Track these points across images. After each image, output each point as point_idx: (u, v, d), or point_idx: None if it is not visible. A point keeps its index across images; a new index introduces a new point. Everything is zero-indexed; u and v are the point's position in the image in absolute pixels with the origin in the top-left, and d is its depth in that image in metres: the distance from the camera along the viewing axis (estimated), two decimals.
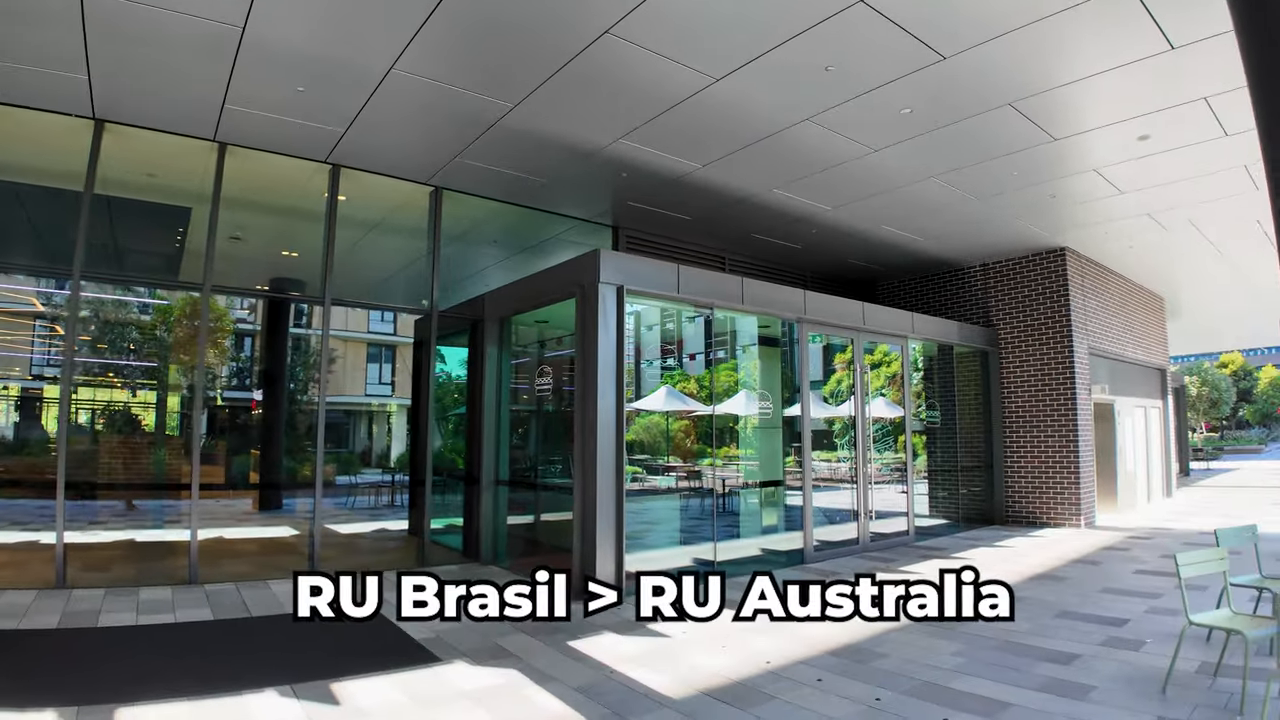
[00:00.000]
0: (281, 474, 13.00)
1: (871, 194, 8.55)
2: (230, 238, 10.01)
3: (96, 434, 14.68)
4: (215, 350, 16.48)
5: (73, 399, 15.10)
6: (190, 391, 15.44)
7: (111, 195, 7.86)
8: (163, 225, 8.71)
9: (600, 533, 6.32)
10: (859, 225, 9.75)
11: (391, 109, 6.38)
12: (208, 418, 19.62)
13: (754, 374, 11.35)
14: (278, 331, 13.14)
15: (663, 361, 46.09)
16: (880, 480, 9.60)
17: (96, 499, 11.17)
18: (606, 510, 6.38)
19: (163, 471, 12.22)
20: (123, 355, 15.09)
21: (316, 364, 23.18)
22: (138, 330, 15.03)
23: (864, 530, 8.90)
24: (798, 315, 8.35)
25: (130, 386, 15.63)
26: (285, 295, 9.94)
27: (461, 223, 9.28)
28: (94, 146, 6.49)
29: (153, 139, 6.85)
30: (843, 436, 14.77)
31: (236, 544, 8.87)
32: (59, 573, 6.06)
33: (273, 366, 12.90)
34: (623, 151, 7.27)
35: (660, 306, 16.94)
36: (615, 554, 6.39)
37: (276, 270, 12.09)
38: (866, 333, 9.35)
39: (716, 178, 8.00)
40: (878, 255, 11.34)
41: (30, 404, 16.50)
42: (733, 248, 10.78)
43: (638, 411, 27.42)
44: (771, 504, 9.75)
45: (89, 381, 15.49)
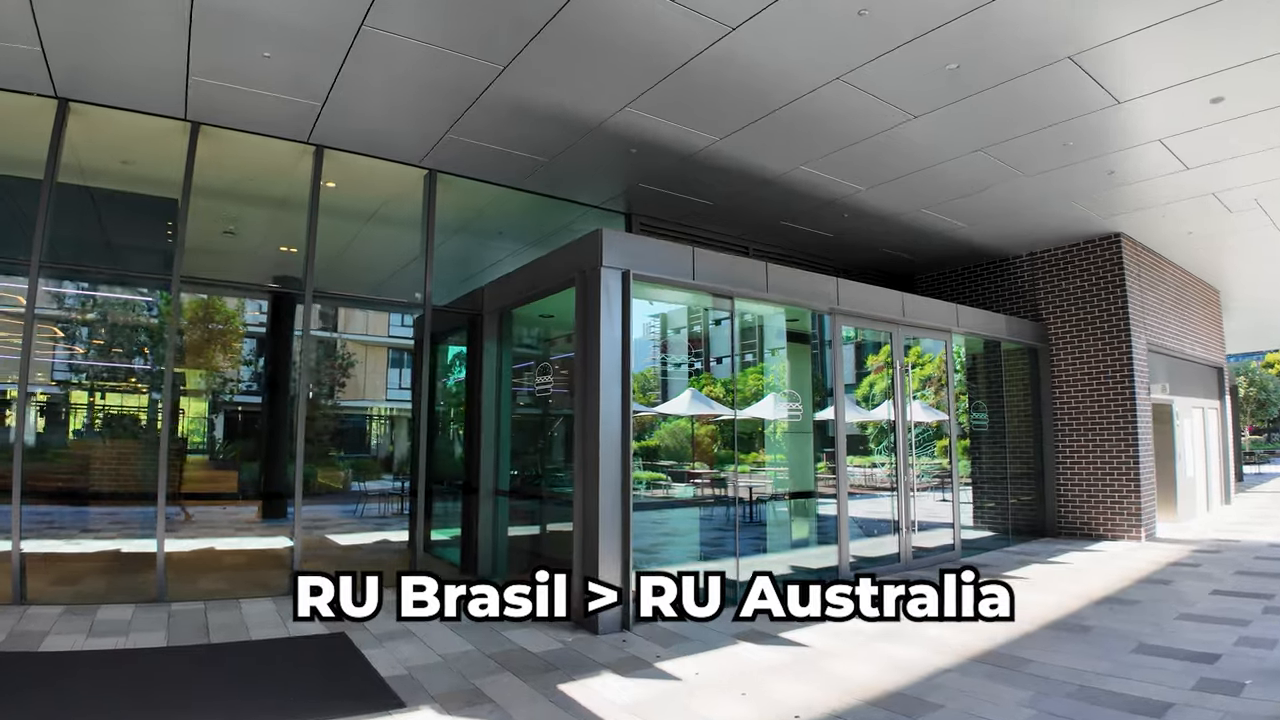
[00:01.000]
0: (286, 481, 12.48)
1: (909, 171, 7.69)
2: (224, 232, 9.58)
3: (71, 438, 14.40)
4: (225, 353, 16.13)
5: (37, 399, 14.81)
6: (177, 394, 15.10)
7: (94, 186, 7.42)
8: (149, 218, 8.20)
9: (604, 550, 5.56)
10: (895, 209, 8.88)
11: (369, 76, 5.74)
12: (214, 423, 19.36)
13: (783, 375, 10.52)
14: (281, 333, 12.67)
15: (690, 365, 45.31)
16: (920, 488, 8.71)
17: (89, 506, 10.76)
18: (610, 524, 5.62)
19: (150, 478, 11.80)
20: (103, 356, 14.76)
21: (328, 366, 22.95)
22: (116, 329, 14.67)
23: (905, 545, 8.01)
24: (830, 306, 7.50)
25: (114, 390, 15.32)
26: (262, 286, 9.37)
27: (462, 212, 8.64)
28: (56, 127, 5.95)
29: (125, 122, 6.31)
30: (879, 441, 13.83)
31: (224, 556, 8.31)
32: (15, 587, 5.51)
33: (276, 369, 12.42)
34: (629, 122, 6.53)
35: (682, 304, 16.10)
36: (620, 573, 5.63)
37: (281, 268, 11.63)
38: (907, 326, 8.45)
39: (737, 153, 7.21)
40: (916, 244, 10.43)
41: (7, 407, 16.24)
42: (758, 237, 9.97)
43: (664, 416, 26.73)
44: (802, 515, 8.93)
45: (70, 384, 15.26)
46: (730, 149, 7.12)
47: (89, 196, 7.11)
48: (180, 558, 7.97)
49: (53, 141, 5.89)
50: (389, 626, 5.46)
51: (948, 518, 8.85)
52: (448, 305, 7.92)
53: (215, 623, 5.46)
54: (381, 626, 5.50)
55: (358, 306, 14.32)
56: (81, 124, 6.16)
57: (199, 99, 6.06)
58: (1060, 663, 4.69)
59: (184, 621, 5.44)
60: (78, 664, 4.45)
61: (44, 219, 5.78)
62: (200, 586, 6.55)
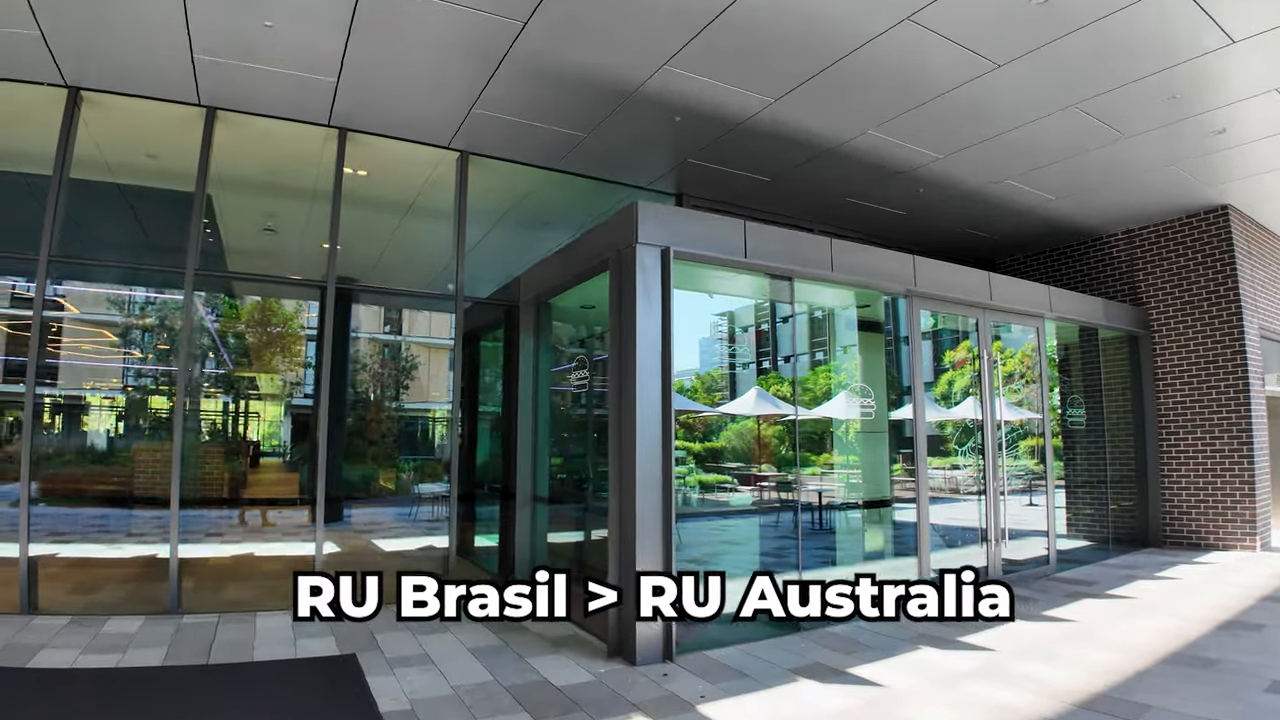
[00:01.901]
0: (341, 484, 12.32)
1: (990, 134, 6.67)
2: (263, 229, 9.40)
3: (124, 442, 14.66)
4: (284, 355, 16.26)
5: (45, 400, 15.17)
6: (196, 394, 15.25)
7: (122, 183, 7.26)
8: (177, 213, 8.02)
9: (642, 565, 4.85)
10: (975, 180, 7.82)
11: (380, 43, 5.23)
12: (274, 426, 19.66)
13: (854, 371, 9.57)
14: (339, 334, 12.51)
15: (757, 363, 43.99)
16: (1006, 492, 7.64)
17: (136, 509, 10.78)
18: (649, 537, 4.90)
19: (213, 480, 11.78)
20: (162, 360, 15.01)
21: (385, 368, 23.07)
22: (172, 333, 14.90)
23: (994, 558, 6.96)
24: (905, 288, 6.56)
25: (147, 391, 15.60)
26: (283, 279, 9.10)
27: (502, 199, 8.12)
28: (67, 117, 5.71)
29: (143, 111, 6.04)
30: (963, 442, 12.64)
31: (260, 563, 8.02)
32: (23, 595, 5.25)
33: (335, 371, 12.27)
34: (670, 84, 5.81)
35: (747, 297, 15.15)
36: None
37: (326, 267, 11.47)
38: (994, 310, 7.38)
39: (794, 117, 6.38)
40: (999, 222, 9.28)
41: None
42: (822, 217, 9.05)
43: (732, 417, 25.78)
44: (876, 522, 7.97)
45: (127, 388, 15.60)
46: (787, 112, 6.29)
47: (111, 191, 6.93)
48: (215, 564, 7.73)
49: (63, 131, 5.63)
50: (403, 649, 4.94)
51: (1037, 525, 7.75)
52: (482, 297, 7.38)
53: (222, 639, 5.05)
54: (396, 648, 4.99)
55: (383, 294, 14.11)
56: (98, 115, 5.92)
57: (209, 80, 5.71)
58: (1184, 709, 3.79)
59: (190, 637, 5.05)
60: (55, 684, 4.08)
61: (53, 213, 5.53)
62: (221, 597, 6.21)
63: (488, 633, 5.38)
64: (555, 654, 4.95)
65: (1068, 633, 5.42)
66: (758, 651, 5.04)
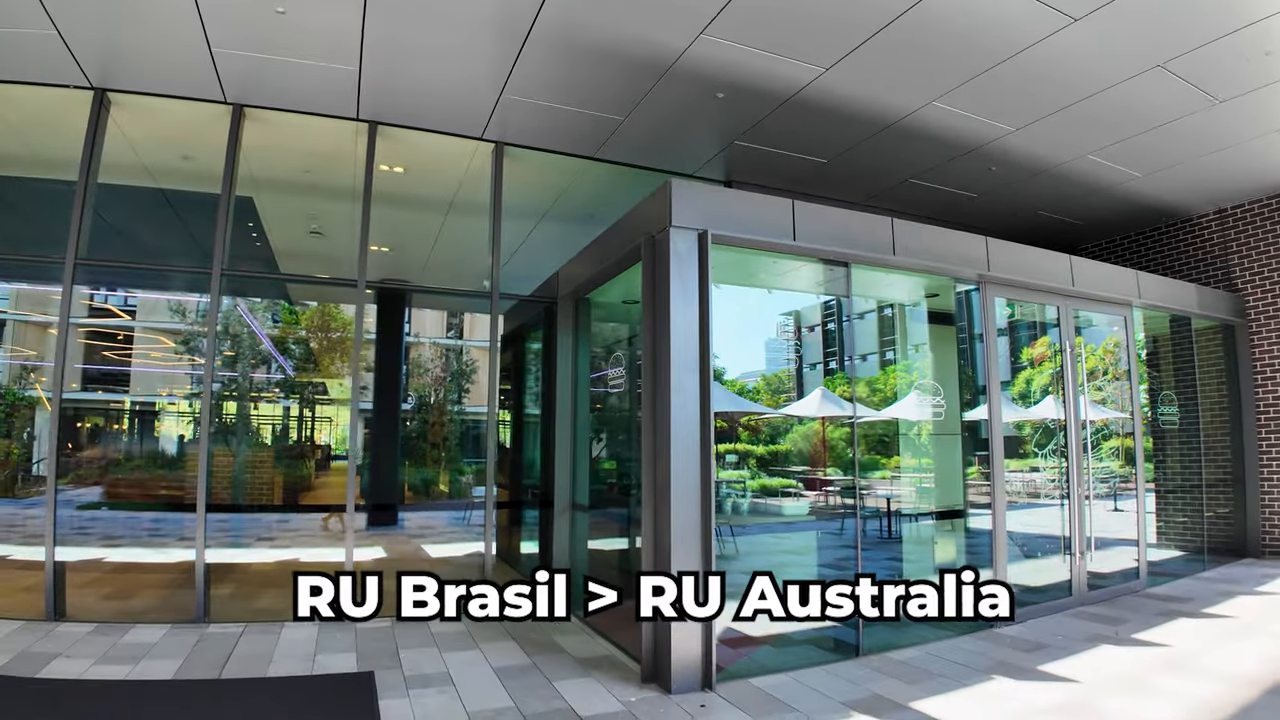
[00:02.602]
0: (395, 489, 12.27)
1: (1067, 101, 5.90)
2: (311, 232, 9.37)
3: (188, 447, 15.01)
4: (341, 359, 16.48)
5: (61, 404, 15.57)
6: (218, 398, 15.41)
7: (168, 188, 7.28)
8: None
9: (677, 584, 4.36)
10: (1053, 155, 7.00)
11: (397, 24, 4.94)
12: (332, 429, 19.97)
13: (926, 369, 8.82)
14: (391, 337, 12.53)
15: (825, 364, 42.57)
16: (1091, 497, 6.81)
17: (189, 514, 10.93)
18: (686, 550, 4.41)
19: (264, 484, 11.89)
20: (229, 367, 15.38)
21: (445, 371, 23.24)
22: (237, 340, 15.22)
23: (1078, 572, 6.14)
24: (978, 273, 5.85)
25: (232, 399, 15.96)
26: (309, 279, 9.00)
27: (543, 192, 7.80)
28: (93, 120, 5.64)
29: (169, 112, 5.97)
30: (1044, 443, 11.62)
31: (300, 569, 7.92)
32: (49, 602, 5.18)
33: (381, 375, 12.29)
34: (709, 54, 5.31)
35: (811, 292, 14.40)
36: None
37: (382, 269, 11.46)
38: (1077, 298, 6.56)
39: (849, 89, 5.78)
40: (1079, 204, 8.36)
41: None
42: (884, 202, 8.34)
43: (799, 419, 24.86)
44: (949, 529, 7.23)
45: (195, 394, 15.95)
46: (841, 83, 5.70)
47: (151, 194, 6.92)
48: (257, 570, 7.67)
49: (89, 134, 5.57)
50: (425, 667, 4.63)
51: (1124, 533, 6.87)
52: (519, 294, 7.06)
53: (241, 651, 4.83)
54: (418, 665, 4.69)
55: (419, 299, 14.04)
56: (128, 117, 5.87)
57: (231, 75, 5.56)
58: None
59: (209, 648, 4.85)
60: (52, 696, 3.91)
61: (79, 217, 5.45)
62: (252, 605, 6.05)
63: (520, 652, 5.01)
64: (585, 677, 4.53)
65: (1161, 660, 4.72)
66: (810, 679, 4.48)
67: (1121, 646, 4.97)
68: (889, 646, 5.07)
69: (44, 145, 6.23)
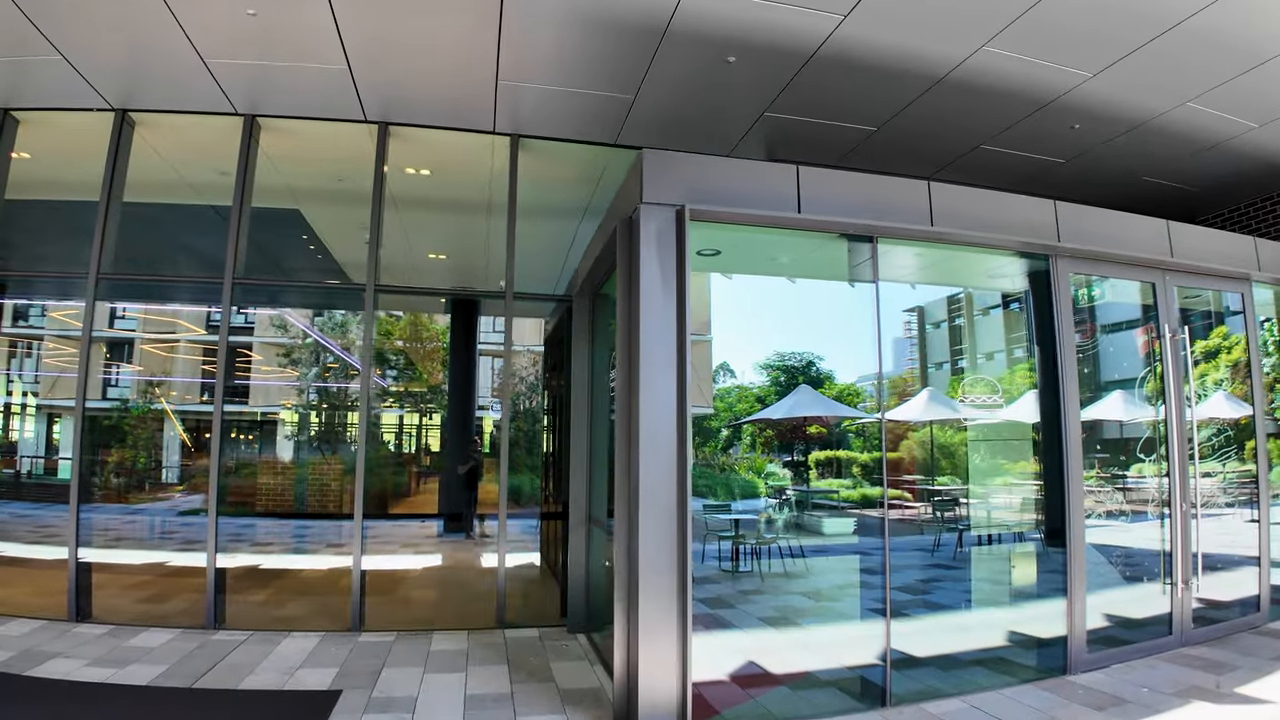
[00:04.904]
0: (468, 495, 12.33)
1: (1153, 32, 4.71)
2: (365, 242, 9.53)
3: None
4: (426, 365, 16.92)
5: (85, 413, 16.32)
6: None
7: (218, 205, 7.58)
8: (273, 232, 8.26)
9: (647, 612, 3.79)
10: (1144, 105, 5.69)
11: (375, 18, 4.73)
12: (425, 436, 20.53)
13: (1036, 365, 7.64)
14: (465, 343, 12.66)
15: (953, 363, 39.24)
16: (1204, 506, 5.43)
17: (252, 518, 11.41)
18: (659, 573, 3.83)
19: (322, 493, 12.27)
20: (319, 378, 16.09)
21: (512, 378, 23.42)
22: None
23: (1182, 605, 4.88)
24: (1047, 244, 4.81)
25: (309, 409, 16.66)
26: (321, 284, 9.02)
27: (582, 185, 7.41)
28: (115, 140, 5.87)
29: (185, 128, 6.16)
30: (1151, 449, 9.88)
31: (341, 578, 8.00)
32: (71, 603, 5.39)
33: (460, 378, 12.43)
34: (707, 9, 4.66)
35: (937, 285, 13.26)
36: (678, 653, 3.80)
37: (456, 278, 11.57)
38: (1177, 271, 5.27)
39: (878, 38, 4.93)
40: (1188, 165, 6.80)
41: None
42: (958, 175, 7.22)
43: (911, 426, 23.00)
44: (1058, 545, 6.09)
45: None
46: (866, 32, 4.86)
47: (183, 211, 7.21)
48: (304, 578, 7.80)
49: (110, 154, 5.80)
50: (396, 689, 4.35)
51: (1241, 549, 5.42)
52: (534, 292, 6.72)
53: (231, 660, 4.77)
54: (391, 687, 4.43)
55: (426, 302, 14.03)
56: (152, 135, 6.09)
57: (232, 86, 5.61)
58: None
59: (200, 656, 4.82)
60: (25, 694, 3.97)
61: (101, 232, 5.69)
62: (267, 613, 6.05)
63: (505, 679, 4.63)
64: (555, 714, 4.04)
65: None
66: None
67: (1221, 704, 3.84)
68: (927, 695, 4.21)
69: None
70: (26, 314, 14.88)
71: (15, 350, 14.88)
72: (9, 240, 6.28)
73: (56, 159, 6.43)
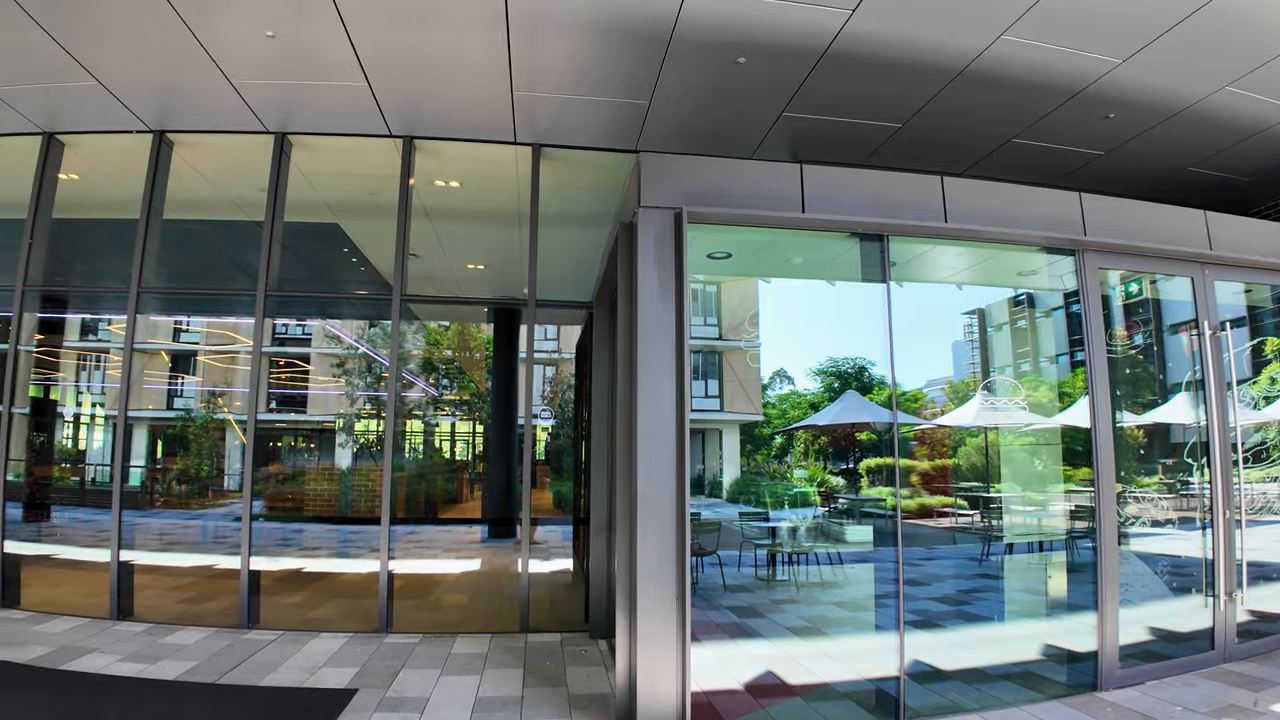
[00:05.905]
0: (511, 501, 12.53)
1: (1187, 9, 4.40)
2: (411, 255, 9.81)
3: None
4: (475, 374, 17.22)
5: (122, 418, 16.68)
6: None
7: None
8: (314, 246, 8.57)
9: (645, 621, 3.76)
10: (1180, 91, 5.34)
11: (387, 33, 4.88)
12: (472, 443, 20.86)
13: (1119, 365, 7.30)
14: (507, 352, 12.87)
15: (1016, 366, 37.72)
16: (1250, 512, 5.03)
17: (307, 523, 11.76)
18: (658, 583, 3.79)
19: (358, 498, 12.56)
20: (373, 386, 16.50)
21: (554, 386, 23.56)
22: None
23: (1225, 620, 4.53)
24: (1072, 238, 4.58)
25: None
26: (348, 296, 9.22)
27: (597, 195, 7.46)
28: (154, 159, 6.20)
29: (224, 148, 6.46)
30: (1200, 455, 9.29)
31: (371, 580, 8.20)
32: (113, 602, 5.68)
33: (502, 387, 12.64)
34: (710, 10, 4.62)
35: (997, 285, 12.58)
36: (677, 662, 3.75)
37: (495, 288, 11.78)
38: (1217, 265, 4.92)
39: (889, 31, 4.79)
40: (1234, 154, 6.35)
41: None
42: (991, 171, 6.95)
43: (967, 431, 22.19)
44: (1086, 559, 5.78)
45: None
46: (877, 25, 4.73)
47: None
48: (341, 581, 8.01)
49: (150, 172, 6.12)
50: (410, 690, 4.42)
51: None
52: (556, 299, 6.78)
53: (258, 659, 4.94)
54: (406, 687, 4.51)
55: (449, 311, 14.15)
56: (192, 154, 6.41)
57: (261, 105, 5.85)
58: None
59: (229, 654, 5.01)
60: (55, 686, 4.21)
61: (141, 248, 6.00)
62: (302, 614, 6.24)
63: (518, 683, 4.66)
64: (561, 719, 4.04)
65: None
66: None
67: None
68: (945, 710, 4.04)
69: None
70: (95, 328, 15.86)
71: (85, 363, 15.92)
72: (63, 257, 6.72)
73: (103, 179, 6.83)
